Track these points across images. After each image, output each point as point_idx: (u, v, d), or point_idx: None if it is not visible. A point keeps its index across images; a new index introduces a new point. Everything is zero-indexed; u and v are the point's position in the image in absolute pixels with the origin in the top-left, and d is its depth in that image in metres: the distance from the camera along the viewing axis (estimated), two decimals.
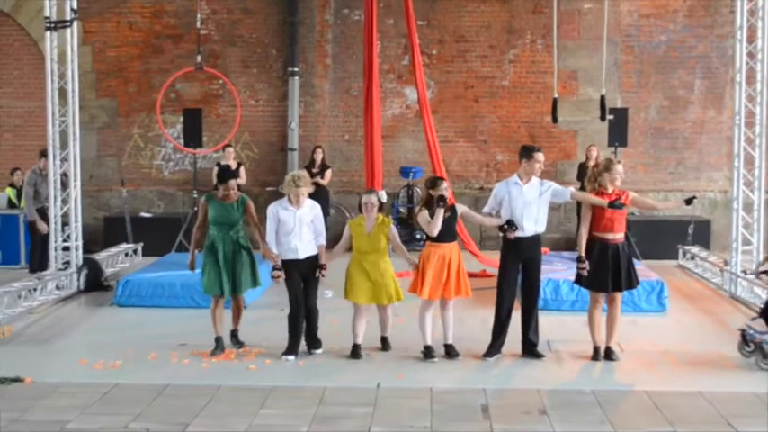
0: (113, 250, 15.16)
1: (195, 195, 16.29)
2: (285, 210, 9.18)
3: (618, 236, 9.16)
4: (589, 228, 9.19)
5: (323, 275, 9.30)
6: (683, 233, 15.67)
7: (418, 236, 9.77)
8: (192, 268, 9.56)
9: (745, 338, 9.18)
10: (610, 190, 9.14)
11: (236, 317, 9.62)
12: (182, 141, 16.48)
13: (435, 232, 9.05)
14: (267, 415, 7.51)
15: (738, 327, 9.46)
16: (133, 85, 17.76)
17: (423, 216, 9.16)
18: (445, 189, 9.17)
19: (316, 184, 13.97)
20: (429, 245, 9.20)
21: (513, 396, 8.11)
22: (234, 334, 9.60)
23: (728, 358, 9.20)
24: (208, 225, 9.37)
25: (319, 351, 9.30)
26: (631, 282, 9.31)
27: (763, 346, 8.91)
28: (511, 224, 9.13)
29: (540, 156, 9.30)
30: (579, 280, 9.39)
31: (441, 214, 9.01)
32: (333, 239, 9.60)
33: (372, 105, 14.03)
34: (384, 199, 9.22)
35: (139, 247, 15.87)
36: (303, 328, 9.33)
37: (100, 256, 14.25)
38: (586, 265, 9.12)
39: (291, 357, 9.18)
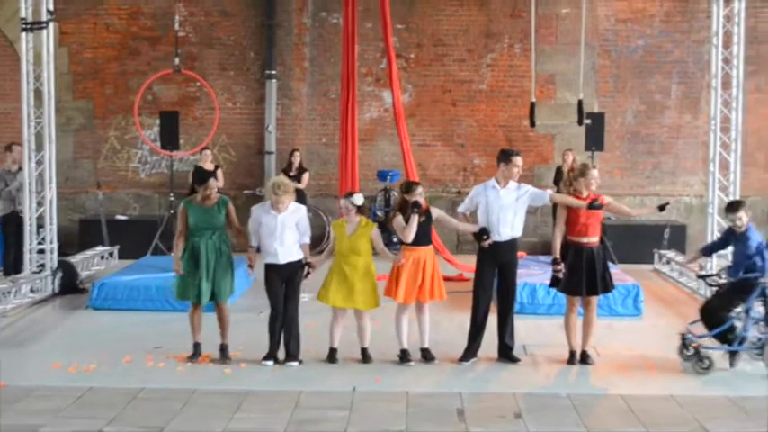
0: (89, 253, 15.09)
1: (172, 198, 16.20)
2: (267, 213, 9.11)
3: (592, 240, 9.21)
4: (564, 231, 9.24)
5: (309, 273, 9.24)
6: (659, 237, 15.75)
7: (395, 239, 9.78)
8: (180, 272, 9.17)
9: (684, 342, 9.23)
10: (585, 194, 9.20)
11: (224, 328, 9.34)
12: (158, 144, 16.40)
13: (410, 238, 9.07)
14: (242, 419, 7.48)
15: (678, 331, 9.49)
16: (110, 86, 17.68)
17: (397, 221, 9.17)
18: (420, 194, 9.18)
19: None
20: (404, 248, 9.20)
21: (489, 400, 8.12)
22: (222, 348, 9.31)
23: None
24: (188, 232, 9.20)
25: (294, 364, 9.11)
26: (606, 286, 9.35)
27: (699, 350, 8.96)
28: (484, 232, 9.15)
29: (518, 160, 9.32)
30: (554, 284, 9.43)
31: (415, 220, 9.02)
32: (311, 243, 9.60)
33: (351, 109, 14.02)
34: (359, 202, 9.17)
35: (115, 249, 15.78)
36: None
37: (75, 259, 14.18)
38: (562, 267, 9.18)
39: (269, 363, 9.12)
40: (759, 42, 17.00)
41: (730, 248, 9.82)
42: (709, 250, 9.94)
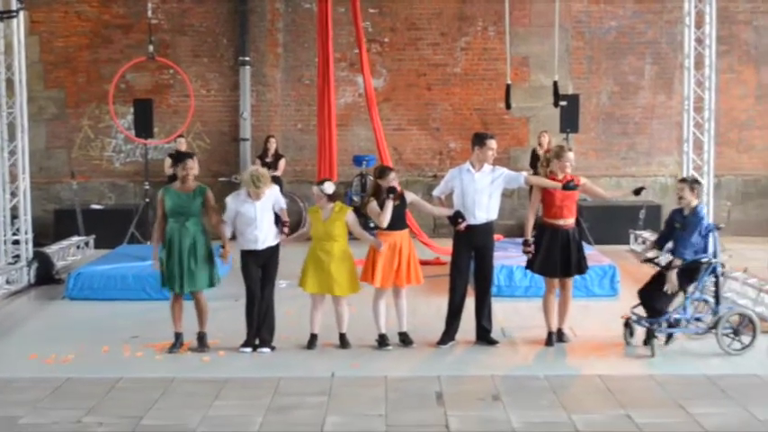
0: (64, 243, 14.99)
1: (147, 187, 16.14)
2: (245, 203, 9.07)
3: (568, 222, 9.24)
4: (538, 213, 9.31)
5: (285, 232, 9.25)
6: (635, 218, 15.81)
7: (371, 224, 9.81)
8: (157, 266, 9.17)
9: (629, 326, 9.24)
10: (560, 176, 9.21)
11: (201, 317, 9.28)
12: (133, 132, 16.29)
13: (385, 224, 9.06)
14: (221, 406, 7.44)
15: (622, 315, 9.49)
16: (82, 75, 17.53)
17: (372, 207, 9.16)
18: (393, 179, 9.16)
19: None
20: (379, 233, 9.19)
21: (468, 383, 8.12)
22: (200, 337, 9.26)
23: (680, 341, 9.29)
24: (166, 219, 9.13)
25: (266, 350, 9.12)
26: (581, 267, 9.40)
27: (654, 333, 8.89)
28: (459, 216, 9.15)
29: (492, 143, 9.31)
30: (530, 266, 9.46)
31: (390, 206, 9.01)
32: (290, 230, 9.62)
33: (328, 94, 13.93)
34: (329, 191, 9.13)
35: (91, 239, 15.71)
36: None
37: (51, 250, 14.08)
38: (531, 248, 9.23)
39: (248, 350, 9.11)
40: (731, 22, 17.10)
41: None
42: (663, 241, 9.62)
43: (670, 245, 9.25)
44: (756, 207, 17.41)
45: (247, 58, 17.34)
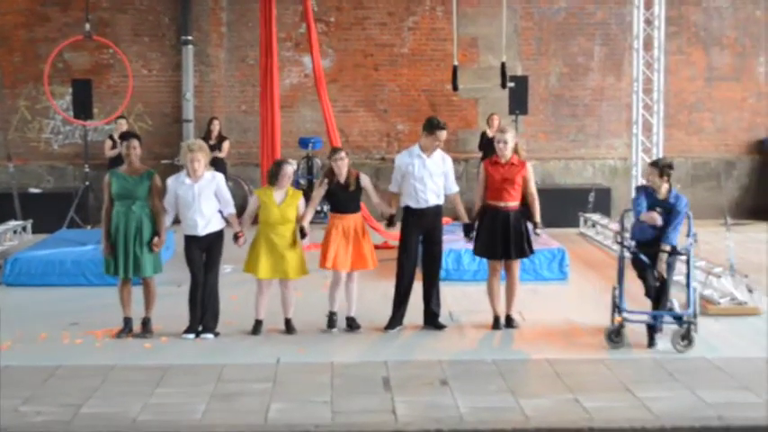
0: (1, 228, 14.64)
1: (87, 170, 15.80)
2: (183, 184, 8.95)
3: (510, 204, 9.18)
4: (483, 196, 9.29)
5: (240, 244, 9.05)
6: (584, 201, 15.80)
7: (326, 208, 9.71)
8: (107, 253, 8.95)
9: (622, 328, 8.71)
10: (503, 161, 9.20)
11: (148, 303, 9.14)
12: (71, 113, 15.93)
13: (304, 221, 9.04)
14: (163, 394, 7.32)
15: (618, 317, 8.74)
16: (18, 54, 17.11)
17: (316, 193, 9.18)
18: (341, 158, 9.13)
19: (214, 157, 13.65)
20: (333, 216, 9.15)
21: (415, 368, 8.06)
22: (144, 322, 9.13)
23: (628, 325, 9.22)
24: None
25: (209, 336, 8.98)
26: (523, 250, 9.26)
27: (691, 327, 8.46)
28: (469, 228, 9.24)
29: (442, 134, 9.24)
30: (475, 249, 9.43)
31: (311, 213, 9.11)
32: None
33: (271, 75, 13.70)
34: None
35: (29, 224, 15.37)
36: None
37: None
38: (472, 235, 9.27)
39: (191, 336, 8.97)
40: (680, 3, 17.19)
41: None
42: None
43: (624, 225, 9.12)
44: (706, 190, 17.47)
45: (190, 38, 17.07)
